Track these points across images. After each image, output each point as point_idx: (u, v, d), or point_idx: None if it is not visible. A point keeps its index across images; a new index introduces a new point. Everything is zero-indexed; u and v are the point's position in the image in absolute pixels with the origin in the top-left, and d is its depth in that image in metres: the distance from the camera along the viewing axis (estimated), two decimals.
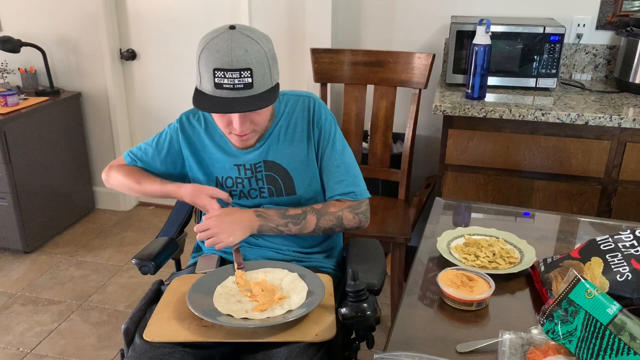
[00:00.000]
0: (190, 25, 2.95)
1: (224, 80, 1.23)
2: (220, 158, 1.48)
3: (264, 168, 1.45)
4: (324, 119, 1.46)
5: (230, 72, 1.22)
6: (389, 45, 2.68)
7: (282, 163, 1.45)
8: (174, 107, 3.13)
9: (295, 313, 1.20)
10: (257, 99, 1.25)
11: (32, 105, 2.87)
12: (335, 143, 1.46)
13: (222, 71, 1.22)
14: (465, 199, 2.16)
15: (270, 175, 1.45)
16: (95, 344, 2.27)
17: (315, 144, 1.46)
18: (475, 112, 2.05)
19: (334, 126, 1.48)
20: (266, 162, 1.45)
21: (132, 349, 1.24)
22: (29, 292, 2.61)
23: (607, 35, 2.44)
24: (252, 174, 1.46)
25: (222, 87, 1.23)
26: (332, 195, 1.47)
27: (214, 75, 1.23)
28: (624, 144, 2.00)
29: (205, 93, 1.27)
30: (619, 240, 1.18)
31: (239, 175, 1.47)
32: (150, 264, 1.44)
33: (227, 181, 1.48)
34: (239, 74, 1.22)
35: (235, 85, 1.23)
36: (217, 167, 1.48)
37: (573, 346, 0.98)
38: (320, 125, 1.46)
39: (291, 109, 1.47)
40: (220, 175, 1.48)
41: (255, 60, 1.23)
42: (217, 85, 1.24)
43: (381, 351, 1.04)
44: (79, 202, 3.31)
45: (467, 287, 1.18)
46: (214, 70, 1.23)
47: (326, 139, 1.46)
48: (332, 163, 1.46)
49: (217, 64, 1.22)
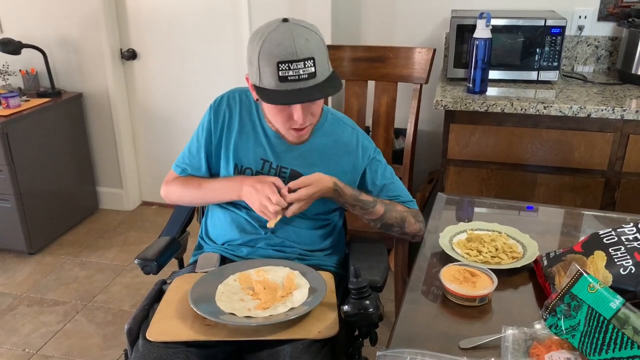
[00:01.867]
0: (191, 24, 2.94)
1: (289, 72, 1.22)
2: (248, 147, 1.45)
3: (288, 175, 1.44)
4: (368, 145, 1.51)
5: (295, 63, 1.21)
6: (389, 40, 2.67)
7: None
8: (175, 106, 3.14)
9: (297, 311, 1.20)
10: (322, 87, 1.26)
11: (34, 106, 2.88)
12: (383, 163, 1.53)
13: (287, 63, 1.21)
14: (468, 193, 2.16)
15: None
16: (100, 344, 2.27)
17: (360, 169, 1.49)
18: (476, 107, 2.04)
19: (378, 151, 1.53)
20: (293, 171, 1.44)
21: (136, 349, 1.24)
22: (33, 293, 2.62)
23: (609, 26, 2.42)
24: (275, 174, 1.45)
25: (287, 80, 1.23)
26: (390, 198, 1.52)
27: (278, 68, 1.22)
28: (627, 136, 1.99)
29: (269, 89, 1.25)
30: (622, 234, 1.17)
31: (261, 170, 1.45)
32: (152, 263, 1.44)
33: (246, 172, 1.46)
34: (303, 64, 1.22)
35: (300, 75, 1.23)
36: (240, 154, 1.45)
37: (576, 341, 0.98)
38: (369, 154, 1.49)
39: (332, 130, 1.48)
40: (241, 163, 1.45)
41: (316, 48, 1.24)
42: (282, 79, 1.23)
43: (384, 348, 1.04)
44: (83, 203, 3.32)
45: (470, 283, 1.18)
46: (277, 63, 1.22)
47: (376, 161, 1.51)
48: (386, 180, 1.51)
49: (280, 57, 1.21)
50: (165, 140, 3.24)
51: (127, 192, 3.39)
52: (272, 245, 1.47)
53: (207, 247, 1.54)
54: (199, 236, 1.61)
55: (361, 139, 1.49)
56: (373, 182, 1.50)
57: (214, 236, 1.54)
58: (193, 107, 1.48)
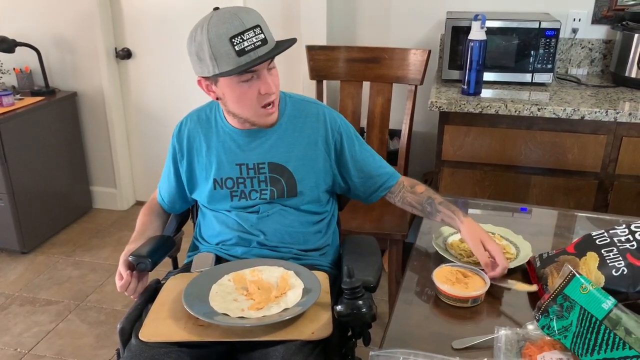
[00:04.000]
0: (185, 23, 2.90)
1: (244, 43, 1.24)
2: (221, 159, 1.47)
3: (267, 169, 1.45)
4: (339, 122, 1.49)
5: (246, 33, 1.24)
6: (384, 41, 2.67)
7: (287, 165, 1.44)
8: (169, 105, 3.14)
9: (291, 311, 1.20)
10: (279, 48, 1.29)
11: (28, 105, 2.86)
12: (360, 139, 1.53)
13: (239, 36, 1.24)
14: (462, 194, 2.16)
15: (274, 177, 1.45)
16: (93, 344, 2.26)
17: (338, 148, 1.48)
18: (471, 108, 2.04)
19: (351, 127, 1.52)
20: (270, 163, 1.44)
21: (128, 349, 1.24)
22: (26, 293, 2.60)
23: (603, 29, 2.43)
24: (255, 173, 1.45)
25: (245, 52, 1.25)
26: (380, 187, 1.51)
27: (233, 44, 1.24)
28: (620, 138, 2.00)
29: (230, 69, 1.26)
30: (615, 235, 1.18)
31: (240, 175, 1.46)
32: (147, 260, 1.43)
33: (227, 182, 1.47)
34: (252, 32, 1.26)
35: (255, 44, 1.25)
36: (215, 169, 1.47)
37: (568, 341, 0.98)
38: (340, 130, 1.48)
39: (296, 111, 1.47)
40: (220, 176, 1.47)
41: (258, 18, 1.29)
42: (240, 52, 1.24)
43: (377, 348, 1.04)
44: (76, 202, 3.31)
45: (462, 284, 1.18)
46: (230, 39, 1.24)
47: (351, 139, 1.49)
48: (367, 154, 1.51)
49: (231, 32, 1.24)
50: (160, 139, 3.23)
51: (121, 191, 3.38)
52: (267, 245, 1.47)
53: (202, 247, 1.54)
54: (194, 237, 1.60)
55: (327, 112, 1.49)
56: (353, 158, 1.49)
57: (207, 236, 1.54)
58: (187, 107, 1.48)
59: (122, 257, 1.42)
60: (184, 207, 1.67)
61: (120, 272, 1.39)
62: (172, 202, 1.62)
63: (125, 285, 1.37)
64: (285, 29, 2.76)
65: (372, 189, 1.52)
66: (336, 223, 1.63)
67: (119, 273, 1.40)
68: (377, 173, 1.51)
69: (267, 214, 1.45)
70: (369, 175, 1.50)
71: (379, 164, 1.52)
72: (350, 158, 1.49)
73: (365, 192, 1.53)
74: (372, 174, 1.50)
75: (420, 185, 1.50)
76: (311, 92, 2.46)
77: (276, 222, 1.46)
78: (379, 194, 1.52)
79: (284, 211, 1.46)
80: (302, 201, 1.46)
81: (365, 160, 1.50)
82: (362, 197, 1.55)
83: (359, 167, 1.50)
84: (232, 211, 1.48)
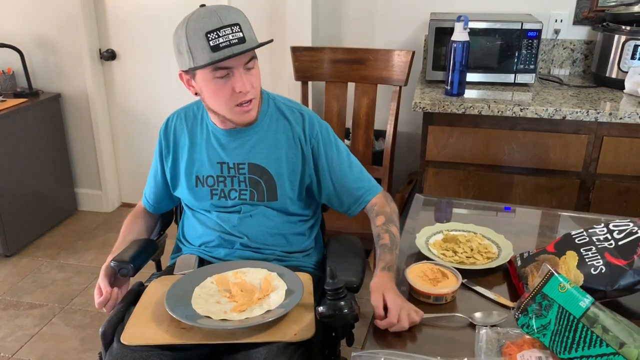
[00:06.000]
0: (170, 24, 2.88)
1: (219, 39, 1.25)
2: (203, 156, 1.47)
3: (247, 170, 1.45)
4: (318, 129, 1.46)
5: (223, 30, 1.25)
6: (369, 42, 2.68)
7: (267, 167, 1.44)
8: (154, 106, 3.12)
9: (274, 313, 1.20)
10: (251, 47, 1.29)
11: (11, 107, 2.83)
12: (341, 148, 1.49)
13: (215, 32, 1.25)
14: (446, 194, 2.18)
15: (253, 178, 1.45)
16: (78, 347, 2.25)
17: (315, 155, 1.45)
18: (454, 109, 2.06)
19: (331, 132, 1.49)
20: (250, 164, 1.44)
21: (110, 352, 1.23)
22: (9, 297, 2.57)
23: (584, 30, 2.46)
24: (235, 173, 1.45)
25: (220, 48, 1.25)
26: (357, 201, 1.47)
27: (208, 39, 1.25)
28: (601, 138, 2.02)
29: (204, 63, 1.27)
30: (594, 234, 1.20)
31: (221, 173, 1.46)
32: (129, 265, 1.43)
33: (208, 180, 1.47)
34: (230, 29, 1.26)
35: (231, 41, 1.25)
36: (197, 166, 1.48)
37: (547, 340, 0.99)
38: (317, 136, 1.45)
39: (278, 114, 1.47)
40: (202, 174, 1.47)
41: (239, 17, 1.29)
42: (214, 48, 1.25)
43: (360, 348, 1.04)
44: (61, 204, 3.28)
45: (434, 281, 1.20)
46: (206, 34, 1.24)
47: (329, 147, 1.46)
48: (344, 165, 1.47)
49: (207, 28, 1.25)
50: (145, 141, 3.22)
51: (106, 193, 3.36)
52: (250, 246, 1.47)
53: (185, 249, 1.53)
54: (177, 238, 1.60)
55: (306, 116, 1.47)
56: (329, 167, 1.46)
57: (190, 238, 1.54)
58: (173, 108, 1.48)
59: (103, 269, 1.41)
60: (170, 206, 1.66)
61: (99, 286, 1.38)
62: (158, 202, 1.61)
63: (104, 302, 1.36)
64: (270, 30, 2.76)
65: (348, 202, 1.48)
66: (320, 225, 1.63)
67: (98, 287, 1.39)
68: (354, 186, 1.46)
69: (250, 214, 1.45)
70: (344, 187, 1.46)
71: (357, 176, 1.48)
72: (326, 166, 1.46)
73: (342, 204, 1.49)
74: (347, 186, 1.46)
75: (382, 216, 1.42)
76: (296, 92, 2.46)
77: (259, 224, 1.46)
78: (357, 208, 1.48)
79: (267, 213, 1.46)
80: (284, 204, 1.46)
81: (341, 171, 1.46)
82: (341, 209, 1.50)
83: (334, 177, 1.46)
84: (212, 212, 1.48)
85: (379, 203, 1.46)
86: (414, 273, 1.23)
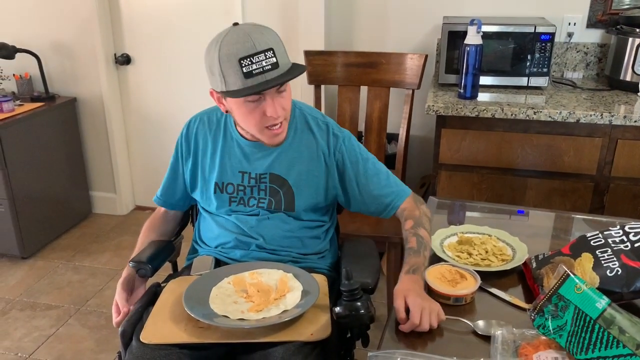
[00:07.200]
0: (184, 29, 2.96)
1: (252, 66, 1.23)
2: (225, 163, 1.48)
3: (268, 180, 1.46)
4: (342, 142, 1.46)
5: (256, 56, 1.23)
6: (381, 46, 2.70)
7: (287, 178, 1.45)
8: (168, 110, 3.16)
9: (290, 313, 1.21)
10: (288, 74, 1.27)
11: (28, 111, 2.88)
12: (366, 157, 1.48)
13: (248, 58, 1.23)
14: (459, 197, 2.18)
15: (274, 187, 1.46)
16: (93, 348, 2.27)
17: (340, 168, 1.46)
18: (467, 112, 2.06)
19: (354, 141, 1.49)
20: (272, 174, 1.46)
21: (129, 351, 1.25)
22: (26, 298, 2.61)
23: (598, 33, 2.46)
24: (256, 183, 1.46)
25: (252, 75, 1.24)
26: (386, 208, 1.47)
27: (241, 65, 1.23)
28: (615, 141, 2.02)
29: (236, 89, 1.26)
30: (609, 236, 1.20)
31: (242, 182, 1.47)
32: (147, 266, 1.45)
33: (228, 187, 1.48)
34: (263, 55, 1.24)
35: (264, 67, 1.24)
36: (218, 172, 1.48)
37: (563, 340, 1.00)
38: (342, 150, 1.46)
39: (303, 126, 1.47)
40: (221, 180, 1.48)
41: (272, 40, 1.27)
42: (247, 75, 1.24)
43: (376, 349, 1.05)
44: (76, 207, 3.32)
45: (453, 282, 1.20)
46: (239, 60, 1.23)
47: (355, 160, 1.47)
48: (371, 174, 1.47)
49: (240, 54, 1.23)
50: (159, 145, 3.25)
51: (120, 196, 3.39)
52: (266, 248, 1.48)
53: (202, 250, 1.55)
54: (193, 240, 1.62)
55: (331, 130, 1.47)
56: (357, 180, 1.47)
57: (206, 239, 1.55)
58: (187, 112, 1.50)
59: (120, 284, 1.43)
60: (187, 203, 1.65)
61: (116, 303, 1.40)
62: (174, 199, 1.61)
63: (122, 321, 1.36)
64: (283, 34, 2.76)
65: (378, 210, 1.49)
66: (335, 229, 1.64)
67: (115, 304, 1.40)
68: (382, 193, 1.47)
69: (267, 217, 1.47)
70: (372, 195, 1.47)
71: (384, 183, 1.48)
72: (353, 178, 1.47)
73: (372, 212, 1.50)
74: (375, 194, 1.47)
75: (410, 220, 1.41)
76: (309, 96, 2.48)
77: (276, 227, 1.47)
78: (388, 214, 1.49)
79: (284, 218, 1.48)
80: (300, 214, 1.47)
81: (367, 180, 1.47)
82: (373, 215, 1.51)
83: (361, 187, 1.47)
84: (231, 215, 1.50)
85: (408, 207, 1.46)
86: (433, 275, 1.23)
